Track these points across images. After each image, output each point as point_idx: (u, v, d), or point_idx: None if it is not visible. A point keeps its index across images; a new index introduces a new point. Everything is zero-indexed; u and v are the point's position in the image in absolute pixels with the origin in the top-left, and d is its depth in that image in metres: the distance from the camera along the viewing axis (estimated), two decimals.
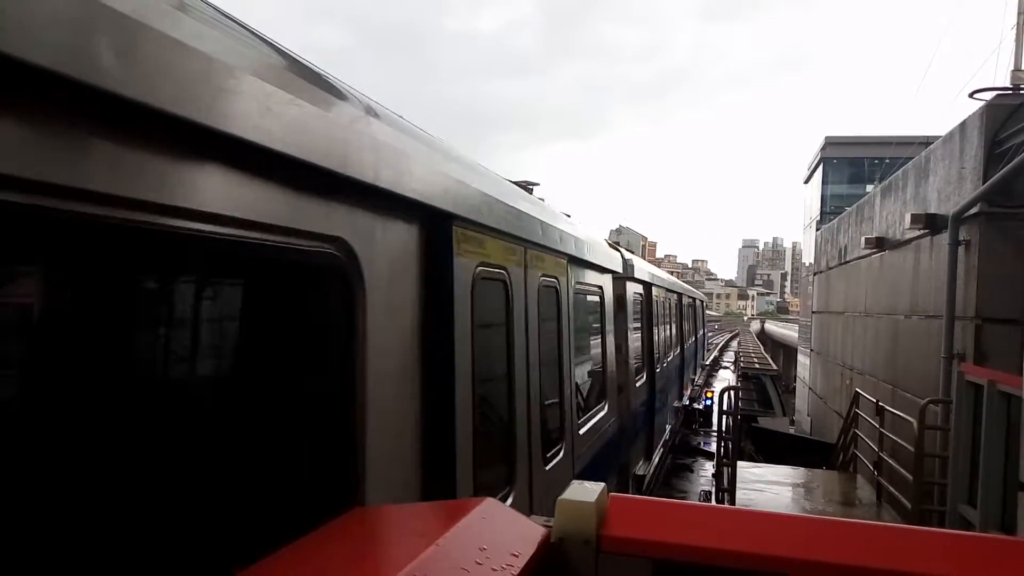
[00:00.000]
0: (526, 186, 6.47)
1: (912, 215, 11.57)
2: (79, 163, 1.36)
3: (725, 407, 12.90)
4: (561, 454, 5.09)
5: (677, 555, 1.50)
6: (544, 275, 4.84)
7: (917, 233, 11.79)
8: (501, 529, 1.55)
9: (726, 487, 11.94)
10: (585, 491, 1.61)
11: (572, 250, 5.66)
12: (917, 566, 1.43)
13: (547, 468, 4.71)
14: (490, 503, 1.65)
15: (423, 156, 2.85)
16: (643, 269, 11.26)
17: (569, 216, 6.90)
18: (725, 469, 12.32)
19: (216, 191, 1.71)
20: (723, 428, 12.83)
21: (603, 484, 1.66)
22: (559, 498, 1.58)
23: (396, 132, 2.65)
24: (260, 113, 1.73)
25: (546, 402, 4.76)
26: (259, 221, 1.86)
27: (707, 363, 34.20)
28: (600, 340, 7.69)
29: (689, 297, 22.93)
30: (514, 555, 1.39)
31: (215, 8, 1.89)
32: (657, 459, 12.01)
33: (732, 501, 11.41)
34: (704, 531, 1.56)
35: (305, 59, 2.32)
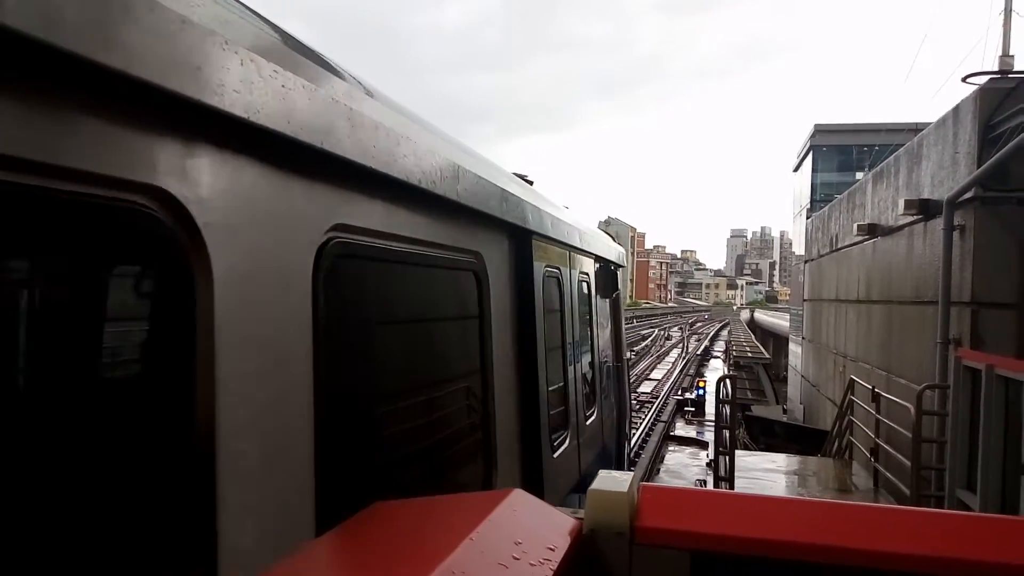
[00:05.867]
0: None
1: (905, 201, 11.58)
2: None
3: (722, 396, 12.91)
4: None
5: (716, 546, 1.43)
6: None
7: (910, 219, 11.79)
8: (533, 522, 1.49)
9: (724, 476, 11.95)
10: (616, 481, 1.54)
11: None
12: (952, 550, 1.37)
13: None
14: (518, 494, 1.58)
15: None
16: None
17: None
18: (722, 458, 12.34)
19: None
20: (720, 417, 12.84)
21: (633, 474, 1.60)
22: (590, 488, 1.52)
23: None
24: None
25: None
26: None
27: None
28: None
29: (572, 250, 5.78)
30: (550, 548, 1.32)
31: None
32: None
33: (731, 489, 11.42)
34: (743, 520, 1.50)
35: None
